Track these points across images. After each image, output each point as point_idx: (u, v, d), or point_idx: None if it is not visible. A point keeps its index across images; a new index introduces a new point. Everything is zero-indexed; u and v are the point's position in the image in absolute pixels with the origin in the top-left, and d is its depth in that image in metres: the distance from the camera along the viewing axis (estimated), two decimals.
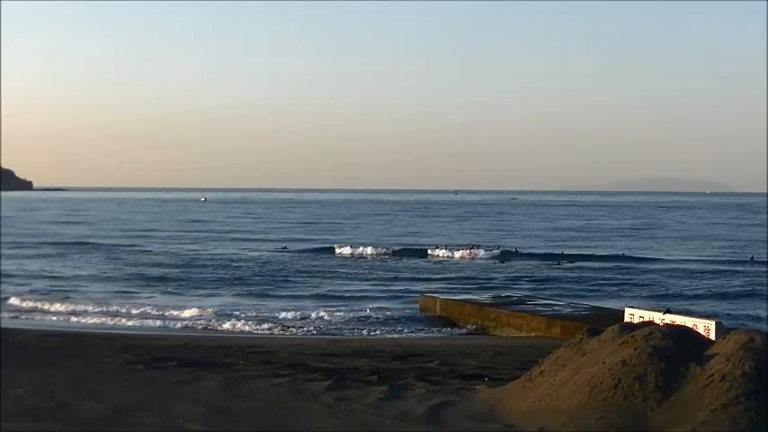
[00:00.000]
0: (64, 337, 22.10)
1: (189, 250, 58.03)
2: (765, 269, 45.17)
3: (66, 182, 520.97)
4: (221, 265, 47.11)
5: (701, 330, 16.53)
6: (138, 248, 59.65)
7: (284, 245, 61.73)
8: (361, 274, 44.26)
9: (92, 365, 16.59)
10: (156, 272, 44.07)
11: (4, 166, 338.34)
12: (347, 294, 35.87)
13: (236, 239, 69.53)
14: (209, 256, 53.11)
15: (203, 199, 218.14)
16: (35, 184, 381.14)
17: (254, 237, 72.91)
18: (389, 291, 37.29)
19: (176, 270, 44.86)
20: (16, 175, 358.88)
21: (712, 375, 11.18)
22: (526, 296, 31.82)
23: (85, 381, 14.73)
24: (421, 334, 26.69)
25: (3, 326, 25.04)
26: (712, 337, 15.67)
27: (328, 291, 37.04)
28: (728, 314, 29.48)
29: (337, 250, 57.16)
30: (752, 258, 51.53)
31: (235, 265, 47.75)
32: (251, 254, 55.12)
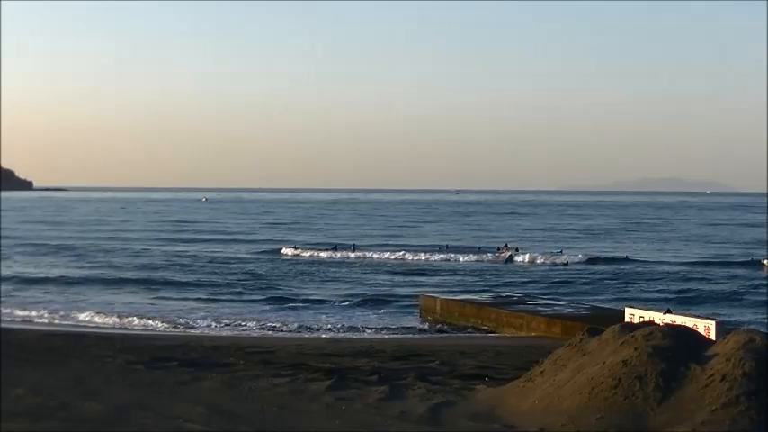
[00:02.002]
0: (64, 337, 22.10)
1: (139, 251, 57.59)
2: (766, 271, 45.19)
3: (67, 182, 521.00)
4: (158, 267, 46.99)
5: (701, 330, 16.54)
6: (78, 248, 59.17)
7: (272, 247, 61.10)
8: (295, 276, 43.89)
9: (92, 365, 16.59)
10: (86, 272, 44.01)
11: (4, 166, 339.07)
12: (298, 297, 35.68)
13: (202, 240, 68.58)
14: (156, 257, 52.94)
15: (204, 199, 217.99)
16: (35, 184, 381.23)
17: (227, 238, 72.17)
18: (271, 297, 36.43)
19: (104, 270, 44.81)
20: (16, 175, 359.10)
21: (713, 375, 11.18)
22: (526, 296, 31.81)
23: (85, 381, 14.73)
24: (421, 334, 26.70)
25: (3, 326, 25.04)
26: (712, 336, 15.68)
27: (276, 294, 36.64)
28: (727, 315, 29.47)
29: (284, 251, 57.44)
30: (751, 260, 51.55)
31: (179, 264, 47.92)
32: (212, 254, 55.29)
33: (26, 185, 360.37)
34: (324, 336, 25.67)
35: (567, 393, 11.79)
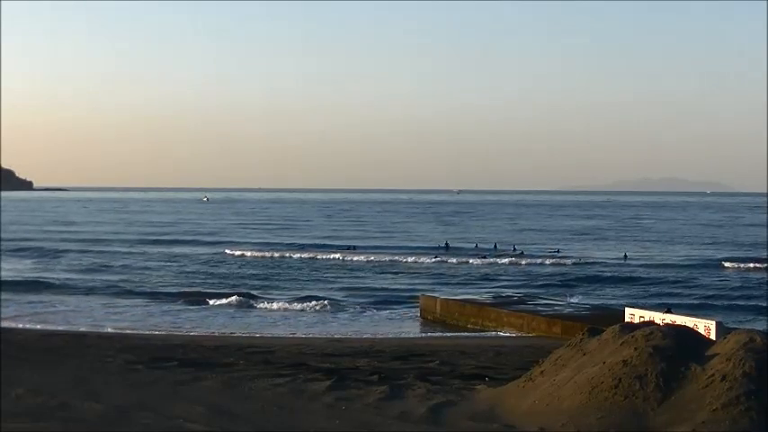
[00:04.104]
0: (64, 337, 22.11)
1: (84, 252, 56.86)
2: (765, 273, 45.25)
3: (67, 182, 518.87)
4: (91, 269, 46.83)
5: (701, 330, 16.54)
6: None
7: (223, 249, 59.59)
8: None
9: (92, 365, 16.59)
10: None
11: (4, 166, 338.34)
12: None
13: (164, 242, 67.23)
14: (102, 258, 52.48)
15: (205, 199, 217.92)
16: (35, 184, 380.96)
17: (192, 239, 70.75)
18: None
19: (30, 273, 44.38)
20: (16, 175, 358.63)
21: (713, 375, 11.18)
22: (526, 296, 31.83)
23: (85, 381, 14.72)
24: (421, 334, 26.72)
25: (3, 326, 25.05)
26: (713, 337, 15.69)
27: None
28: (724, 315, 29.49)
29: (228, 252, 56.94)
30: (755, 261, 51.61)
31: (119, 266, 47.95)
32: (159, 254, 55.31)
33: (26, 185, 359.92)
34: (324, 336, 25.68)
35: (567, 393, 11.79)
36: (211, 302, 33.13)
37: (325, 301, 32.71)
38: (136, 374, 15.57)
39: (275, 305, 32.59)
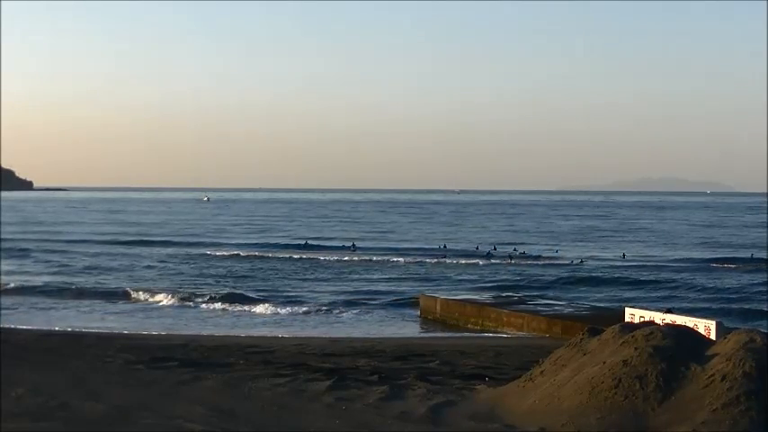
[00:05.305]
0: (64, 337, 22.11)
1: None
2: (765, 270, 45.25)
3: (67, 182, 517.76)
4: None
5: (701, 330, 16.52)
6: None
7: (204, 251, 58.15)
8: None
9: (92, 365, 16.59)
10: None
11: (4, 166, 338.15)
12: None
13: (143, 243, 65.16)
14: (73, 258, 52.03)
15: (206, 199, 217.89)
16: (35, 184, 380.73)
17: (159, 239, 69.18)
18: None
19: None
20: (16, 174, 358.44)
21: (713, 375, 11.19)
22: (526, 296, 31.82)
23: (85, 381, 14.73)
24: (421, 334, 26.71)
25: (3, 326, 25.04)
26: (713, 337, 15.67)
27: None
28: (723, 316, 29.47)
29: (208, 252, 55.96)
30: (752, 256, 51.59)
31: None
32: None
33: (26, 185, 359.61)
34: (324, 336, 25.68)
35: (567, 393, 11.79)
36: (161, 302, 33.12)
37: (267, 304, 32.26)
38: (136, 374, 15.57)
39: (214, 305, 32.27)
